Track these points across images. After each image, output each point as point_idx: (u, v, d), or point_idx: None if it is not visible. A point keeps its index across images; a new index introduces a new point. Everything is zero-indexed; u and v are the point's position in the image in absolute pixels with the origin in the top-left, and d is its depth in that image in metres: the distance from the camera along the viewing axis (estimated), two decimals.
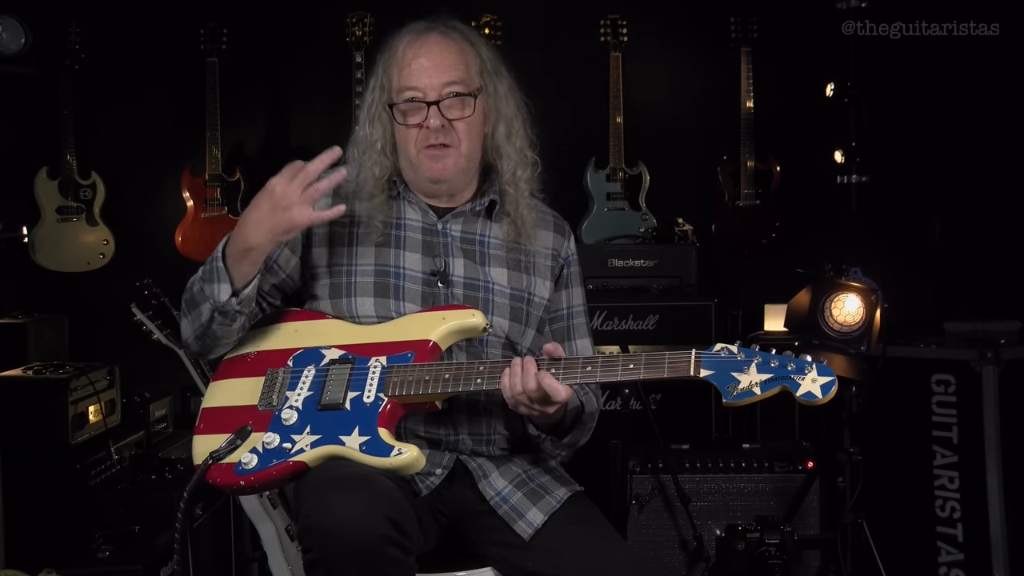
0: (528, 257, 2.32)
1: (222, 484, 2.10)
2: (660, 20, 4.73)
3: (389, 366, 2.13)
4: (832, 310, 3.33)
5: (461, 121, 2.22)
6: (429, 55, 2.21)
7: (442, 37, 2.23)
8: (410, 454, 2.02)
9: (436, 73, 2.20)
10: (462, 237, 2.30)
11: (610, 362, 2.05)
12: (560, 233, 2.39)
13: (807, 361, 1.96)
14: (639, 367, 2.02)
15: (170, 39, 4.65)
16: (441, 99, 2.20)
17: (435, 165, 2.23)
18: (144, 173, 4.69)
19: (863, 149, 3.93)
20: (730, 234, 4.59)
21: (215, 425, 2.18)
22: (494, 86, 2.27)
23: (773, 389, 1.96)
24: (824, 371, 1.95)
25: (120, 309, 3.42)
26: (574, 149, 4.58)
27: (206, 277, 2.16)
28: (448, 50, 2.22)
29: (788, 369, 1.96)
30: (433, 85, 2.19)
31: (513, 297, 2.28)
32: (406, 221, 2.29)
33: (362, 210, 2.28)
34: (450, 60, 2.21)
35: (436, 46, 2.21)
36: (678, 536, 3.43)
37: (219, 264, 2.14)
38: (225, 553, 3.36)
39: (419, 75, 2.20)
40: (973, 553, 3.64)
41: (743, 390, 1.96)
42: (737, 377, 1.97)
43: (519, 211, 2.29)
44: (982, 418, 3.59)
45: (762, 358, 1.98)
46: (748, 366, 1.97)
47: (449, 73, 2.20)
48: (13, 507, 3.33)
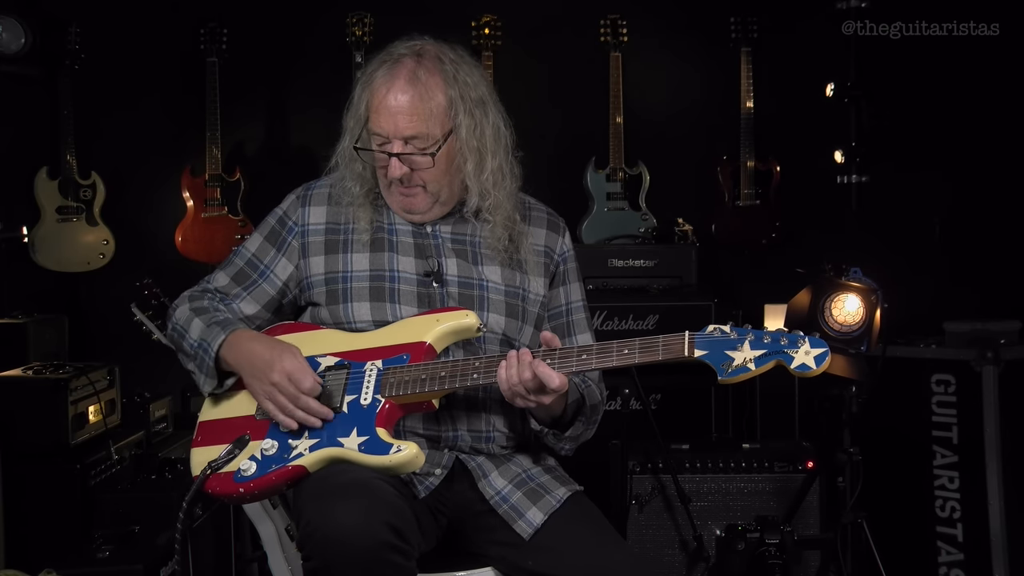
0: (521, 255, 2.32)
1: (221, 493, 2.11)
2: (660, 20, 4.73)
3: (385, 368, 2.14)
4: (832, 310, 3.33)
5: (424, 171, 2.21)
6: (397, 102, 2.17)
7: (410, 82, 2.18)
8: (409, 451, 2.03)
9: (400, 122, 2.17)
10: (452, 238, 2.31)
11: (605, 348, 2.05)
12: (554, 230, 2.39)
13: (799, 335, 1.97)
14: (634, 352, 2.03)
15: (170, 39, 4.65)
16: (403, 153, 2.19)
17: (405, 200, 2.26)
18: (144, 173, 4.70)
19: (863, 149, 3.92)
20: (730, 234, 4.59)
21: (212, 437, 2.19)
22: (466, 122, 2.22)
23: (768, 364, 1.97)
24: (817, 343, 1.97)
25: (120, 309, 3.42)
26: (574, 149, 4.58)
27: (196, 359, 2.22)
28: (414, 99, 2.17)
29: (781, 344, 1.97)
30: (397, 133, 2.18)
31: (508, 294, 2.29)
32: (396, 226, 2.30)
33: (353, 217, 2.29)
34: (414, 110, 2.17)
35: (403, 94, 2.17)
36: (678, 536, 3.43)
37: (210, 363, 2.18)
38: (225, 553, 3.36)
39: (386, 120, 2.18)
40: (973, 553, 3.64)
41: (737, 367, 1.97)
42: (731, 355, 1.98)
43: (502, 214, 2.28)
44: (982, 418, 3.59)
45: (755, 335, 1.99)
46: (741, 344, 1.98)
47: (412, 126, 2.17)
48: (13, 507, 3.33)
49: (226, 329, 2.20)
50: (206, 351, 2.19)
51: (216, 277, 2.35)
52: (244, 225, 4.46)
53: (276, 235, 2.32)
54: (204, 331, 2.22)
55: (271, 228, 2.34)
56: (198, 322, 2.24)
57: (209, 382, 2.21)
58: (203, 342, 2.20)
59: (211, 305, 2.29)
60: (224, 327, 2.21)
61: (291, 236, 2.30)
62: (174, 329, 2.30)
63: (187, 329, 2.25)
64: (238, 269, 2.33)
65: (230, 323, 2.23)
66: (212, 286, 2.34)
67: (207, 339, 2.20)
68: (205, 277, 2.38)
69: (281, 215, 2.34)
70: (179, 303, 2.34)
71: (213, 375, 2.20)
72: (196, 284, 2.38)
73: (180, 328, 2.27)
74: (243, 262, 2.33)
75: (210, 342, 2.19)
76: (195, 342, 2.22)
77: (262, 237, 2.34)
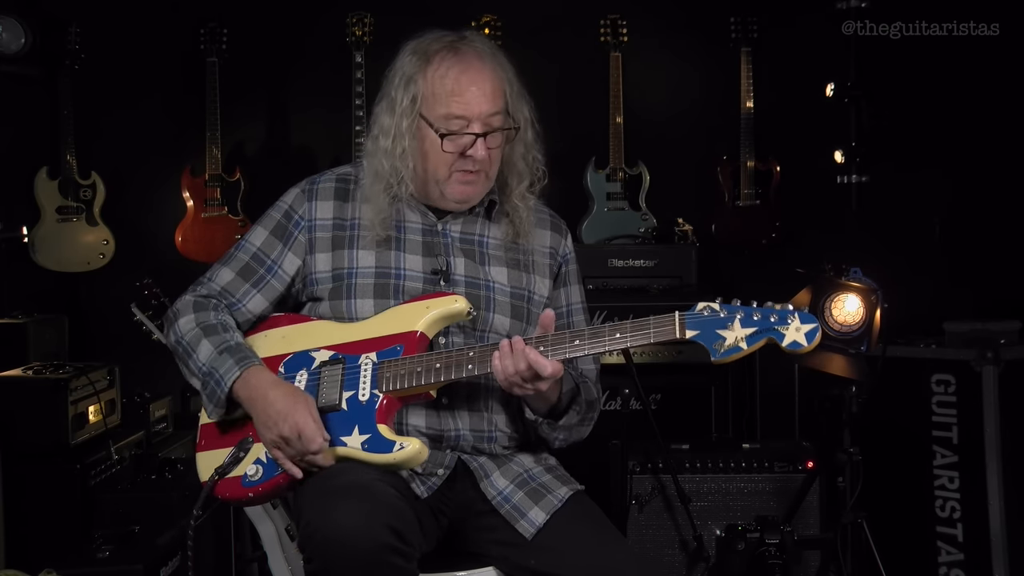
0: (527, 256, 2.33)
1: (231, 498, 2.13)
2: (660, 20, 4.73)
3: (380, 361, 2.14)
4: (832, 310, 3.33)
5: (496, 150, 2.23)
6: (477, 83, 2.18)
7: (483, 62, 2.20)
8: (412, 447, 2.04)
9: (484, 102, 2.18)
10: (461, 237, 2.30)
11: (596, 333, 2.05)
12: (557, 232, 2.40)
13: (789, 311, 1.97)
14: (625, 335, 2.04)
15: (170, 39, 4.65)
16: (489, 131, 2.19)
17: (466, 188, 2.23)
18: (144, 173, 4.69)
19: (863, 149, 3.92)
20: (730, 234, 4.59)
21: (215, 440, 2.20)
22: (519, 110, 2.26)
23: (759, 342, 1.97)
24: (807, 318, 1.97)
25: (120, 309, 3.42)
26: (574, 149, 4.58)
27: (205, 386, 2.17)
28: (491, 78, 2.20)
29: (771, 321, 1.97)
30: (480, 115, 2.18)
31: (514, 295, 2.29)
32: (406, 223, 2.29)
33: (363, 213, 2.28)
34: (495, 88, 2.20)
35: (480, 73, 2.19)
36: (678, 536, 3.43)
37: (222, 397, 2.15)
38: (225, 553, 3.36)
39: (470, 104, 2.17)
40: (973, 553, 3.64)
41: (730, 347, 1.97)
42: (722, 334, 1.98)
43: (518, 213, 2.30)
44: (982, 418, 3.59)
45: (744, 312, 1.99)
46: (732, 322, 1.98)
47: (495, 103, 2.20)
48: (13, 507, 3.33)
49: (240, 365, 2.14)
50: (219, 384, 2.14)
51: (219, 274, 2.30)
52: (244, 225, 4.46)
53: (282, 229, 2.29)
54: (215, 358, 2.16)
55: (276, 222, 2.30)
56: (207, 344, 2.18)
57: (217, 411, 2.17)
58: (214, 372, 2.15)
59: (218, 321, 2.23)
60: (239, 362, 2.14)
61: (297, 231, 2.28)
62: (178, 342, 2.23)
63: (194, 349, 2.19)
64: (243, 264, 2.29)
65: (244, 355, 2.16)
66: (216, 286, 2.29)
67: (219, 370, 2.14)
68: (205, 274, 2.33)
69: (287, 209, 2.30)
70: (181, 309, 2.27)
71: (223, 406, 2.16)
72: (196, 282, 2.33)
73: (186, 344, 2.21)
74: (248, 256, 2.29)
75: (223, 375, 2.14)
76: (203, 366, 2.17)
77: (267, 231, 2.30)
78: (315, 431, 2.06)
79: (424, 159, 2.22)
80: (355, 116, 4.35)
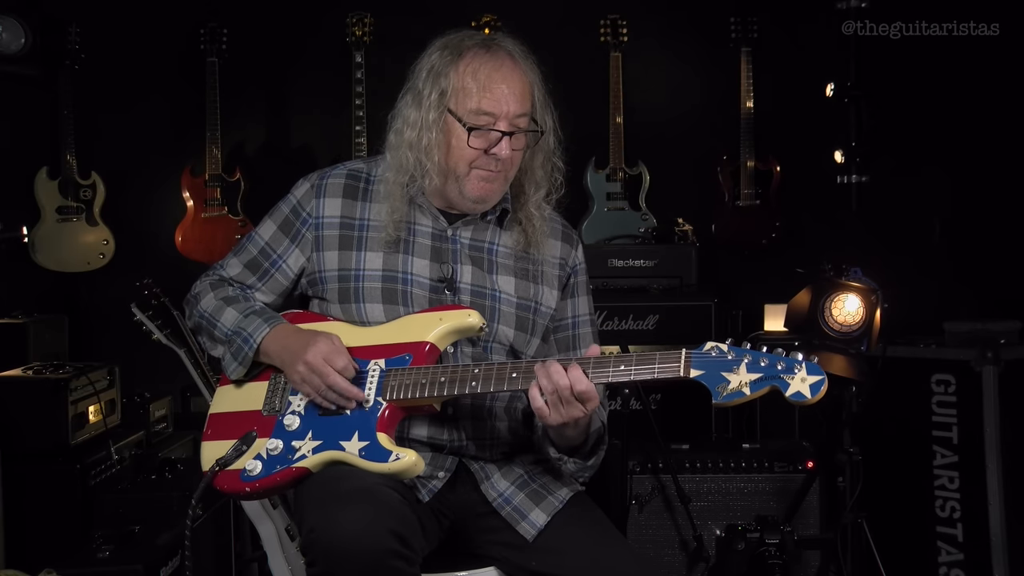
0: (536, 266, 2.31)
1: (229, 490, 2.14)
2: (660, 20, 4.74)
3: (387, 369, 2.14)
4: (832, 310, 3.33)
5: (518, 152, 2.22)
6: (508, 82, 2.18)
7: (515, 62, 2.20)
8: (408, 459, 2.04)
9: (513, 102, 2.18)
10: (471, 244, 2.29)
11: (601, 363, 2.04)
12: (568, 242, 2.39)
13: (797, 360, 1.94)
14: (629, 368, 2.02)
15: (170, 39, 4.65)
16: (516, 131, 2.19)
17: (485, 186, 2.21)
18: (144, 173, 4.70)
19: (863, 149, 3.93)
20: (730, 234, 4.59)
21: (222, 431, 2.21)
22: (544, 116, 2.26)
23: (762, 389, 1.95)
24: (814, 370, 1.93)
25: (120, 309, 3.41)
26: (574, 149, 4.56)
27: (231, 345, 2.22)
28: (522, 80, 2.20)
29: (778, 368, 1.94)
30: (508, 114, 2.17)
31: (520, 306, 2.28)
32: (416, 226, 2.28)
33: (374, 213, 2.27)
34: (524, 90, 2.20)
35: (513, 73, 2.19)
36: (678, 536, 3.43)
37: (249, 353, 2.20)
38: (225, 553, 3.36)
39: (499, 102, 2.16)
40: (973, 553, 3.64)
41: (733, 391, 1.95)
42: (727, 377, 1.95)
43: (532, 222, 2.29)
44: (982, 418, 3.59)
45: (752, 357, 1.96)
46: (738, 365, 1.96)
47: (524, 104, 2.20)
48: (13, 507, 3.33)
49: (269, 322, 2.21)
50: (246, 341, 2.20)
51: (229, 264, 2.35)
52: (244, 225, 4.46)
53: (290, 225, 2.30)
54: (241, 320, 2.22)
55: (284, 217, 2.31)
56: (231, 311, 2.25)
57: (240, 369, 2.22)
58: (241, 331, 2.21)
59: (239, 294, 2.31)
60: (267, 320, 2.22)
61: (305, 227, 2.28)
62: (201, 316, 2.30)
63: (218, 318, 2.26)
64: (251, 257, 2.32)
65: (270, 315, 2.24)
66: (227, 274, 2.34)
67: (247, 328, 2.21)
68: (216, 263, 2.38)
69: (295, 204, 2.30)
70: (201, 291, 2.34)
71: (247, 363, 2.21)
72: (210, 268, 2.38)
73: (209, 316, 2.28)
74: (256, 250, 2.32)
75: (252, 332, 2.20)
76: (229, 330, 2.23)
77: (276, 226, 2.31)
78: (338, 351, 2.11)
79: (448, 153, 2.20)
80: (355, 116, 4.35)
